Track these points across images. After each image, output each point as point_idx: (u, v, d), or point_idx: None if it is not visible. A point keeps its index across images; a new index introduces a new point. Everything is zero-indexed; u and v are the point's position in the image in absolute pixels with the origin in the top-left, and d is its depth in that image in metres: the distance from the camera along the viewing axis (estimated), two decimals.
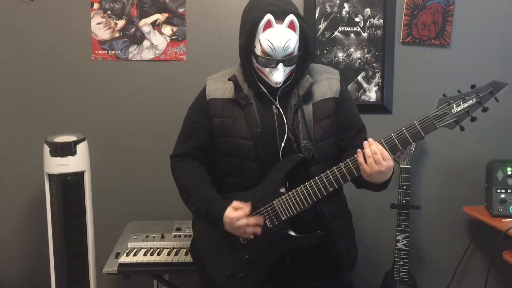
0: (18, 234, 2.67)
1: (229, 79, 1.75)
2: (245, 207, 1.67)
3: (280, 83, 1.67)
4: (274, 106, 1.73)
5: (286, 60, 1.65)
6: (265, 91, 1.73)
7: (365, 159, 1.55)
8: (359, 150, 1.57)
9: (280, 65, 1.65)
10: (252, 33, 1.64)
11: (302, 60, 1.72)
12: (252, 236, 1.69)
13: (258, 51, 1.65)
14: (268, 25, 1.61)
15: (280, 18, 1.61)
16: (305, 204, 1.64)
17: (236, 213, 1.66)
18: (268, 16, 1.59)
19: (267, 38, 1.61)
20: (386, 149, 1.55)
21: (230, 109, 1.74)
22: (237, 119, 1.72)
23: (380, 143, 1.56)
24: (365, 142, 1.56)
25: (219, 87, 1.78)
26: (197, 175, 1.81)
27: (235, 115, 1.73)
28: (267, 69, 1.66)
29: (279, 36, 1.61)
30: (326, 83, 1.77)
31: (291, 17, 1.61)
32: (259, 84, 1.73)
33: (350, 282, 1.89)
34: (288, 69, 1.68)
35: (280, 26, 1.61)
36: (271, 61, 1.65)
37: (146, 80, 2.59)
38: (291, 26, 1.62)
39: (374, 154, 1.53)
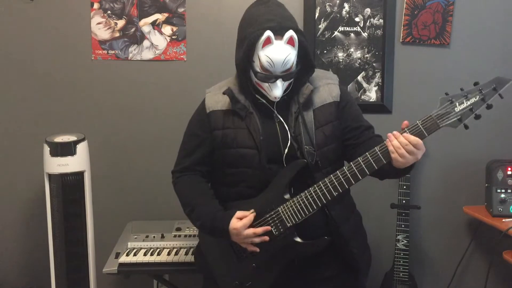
0: (18, 234, 2.67)
1: (223, 93, 1.74)
2: (250, 215, 1.66)
3: (279, 98, 1.68)
4: (274, 115, 1.73)
5: (285, 75, 1.65)
6: (264, 101, 1.73)
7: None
8: (387, 140, 1.52)
9: (279, 81, 1.65)
10: (251, 49, 1.63)
11: (302, 72, 1.71)
12: (258, 249, 1.68)
13: (257, 66, 1.65)
14: (268, 41, 1.60)
15: (279, 34, 1.61)
16: (310, 210, 1.63)
17: (241, 222, 1.64)
18: (268, 33, 1.58)
19: (267, 55, 1.61)
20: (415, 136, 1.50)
21: (230, 120, 1.73)
22: (238, 129, 1.72)
23: (406, 131, 1.51)
24: (390, 134, 1.51)
25: (218, 99, 1.77)
26: (198, 189, 1.80)
27: (236, 125, 1.72)
28: (266, 84, 1.66)
29: (278, 53, 1.60)
30: (325, 88, 1.76)
31: (290, 33, 1.60)
32: (257, 96, 1.73)
33: (364, 286, 1.88)
34: (287, 83, 1.69)
35: (279, 42, 1.61)
36: (270, 76, 1.64)
37: (146, 80, 2.59)
38: (290, 41, 1.61)
39: (406, 146, 1.49)
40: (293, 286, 1.76)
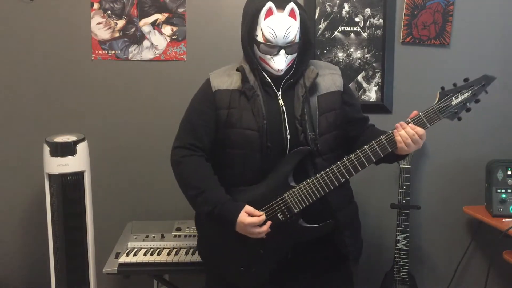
0: (18, 234, 2.67)
1: (237, 70, 1.77)
2: (261, 217, 1.67)
3: (282, 70, 1.70)
4: (280, 97, 1.74)
5: (288, 47, 1.68)
6: (270, 81, 1.74)
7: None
8: (395, 131, 1.64)
9: (282, 52, 1.68)
10: (254, 21, 1.68)
11: (303, 50, 1.76)
12: (264, 236, 1.69)
13: (260, 38, 1.68)
14: (269, 12, 1.65)
15: (280, 6, 1.66)
16: (318, 195, 1.67)
17: (251, 219, 1.66)
18: (269, 4, 1.64)
19: (269, 25, 1.65)
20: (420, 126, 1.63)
21: (236, 100, 1.74)
22: (244, 110, 1.73)
23: (411, 122, 1.64)
24: (397, 125, 1.64)
25: (224, 80, 1.79)
26: (206, 173, 1.78)
27: (242, 106, 1.73)
28: (269, 56, 1.69)
29: (280, 23, 1.65)
30: (329, 77, 1.80)
31: (291, 5, 1.66)
32: (264, 73, 1.74)
33: (351, 275, 1.90)
34: (290, 57, 1.71)
35: (281, 14, 1.66)
36: (273, 48, 1.68)
37: (146, 80, 2.59)
38: (292, 14, 1.67)
39: (412, 136, 1.61)
40: (284, 278, 1.79)
